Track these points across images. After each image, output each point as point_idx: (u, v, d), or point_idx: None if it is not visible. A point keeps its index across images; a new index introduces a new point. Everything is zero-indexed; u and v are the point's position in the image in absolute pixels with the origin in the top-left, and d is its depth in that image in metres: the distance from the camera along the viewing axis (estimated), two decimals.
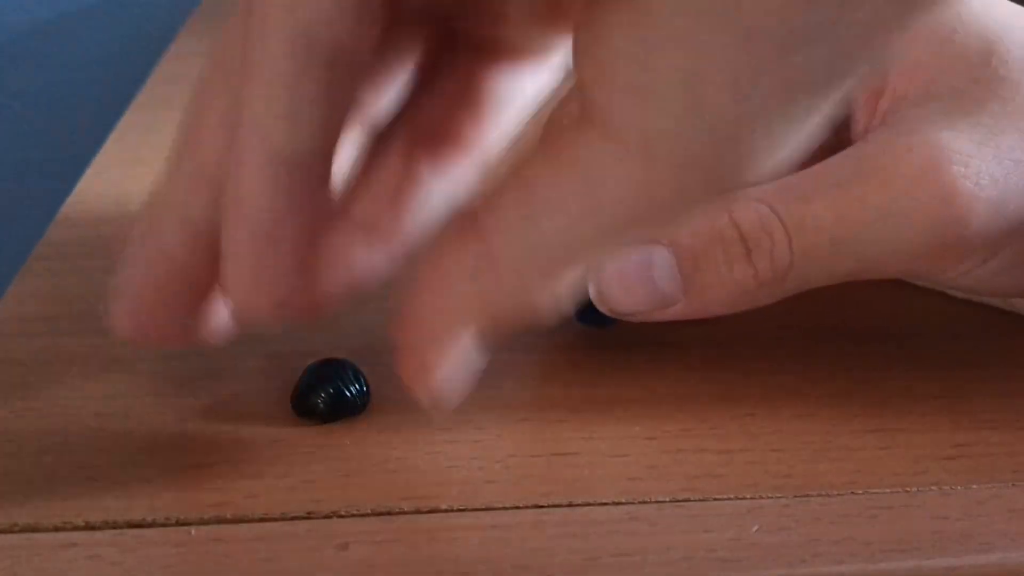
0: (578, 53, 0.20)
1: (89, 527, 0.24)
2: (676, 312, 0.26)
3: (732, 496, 0.25)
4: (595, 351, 0.30)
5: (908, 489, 0.25)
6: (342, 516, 0.24)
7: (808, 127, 0.19)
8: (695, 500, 0.25)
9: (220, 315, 0.25)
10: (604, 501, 0.25)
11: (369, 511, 0.24)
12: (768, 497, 0.25)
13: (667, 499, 0.25)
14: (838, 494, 0.25)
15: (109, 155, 0.44)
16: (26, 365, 0.30)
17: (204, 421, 0.27)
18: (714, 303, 0.26)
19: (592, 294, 0.26)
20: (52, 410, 0.28)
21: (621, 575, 0.23)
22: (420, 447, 0.26)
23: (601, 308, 0.27)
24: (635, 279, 0.26)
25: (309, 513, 0.24)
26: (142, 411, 0.28)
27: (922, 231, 0.26)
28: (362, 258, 0.24)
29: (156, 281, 0.23)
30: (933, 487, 0.25)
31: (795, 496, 0.25)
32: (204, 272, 0.23)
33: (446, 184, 0.25)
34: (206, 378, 0.29)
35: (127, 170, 0.42)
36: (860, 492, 0.25)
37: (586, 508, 0.25)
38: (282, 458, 0.26)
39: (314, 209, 0.22)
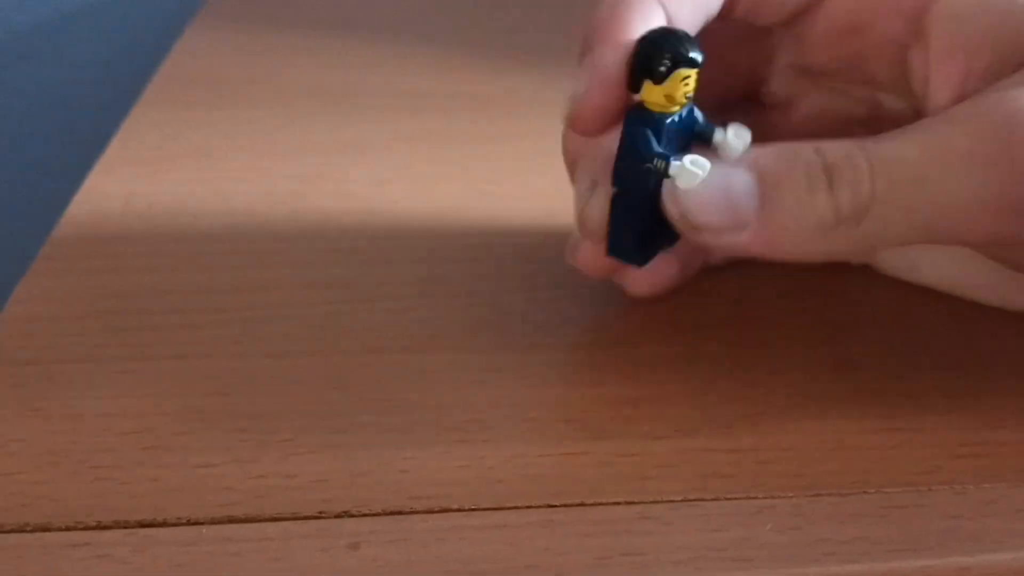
0: None
1: (99, 527, 0.24)
2: (748, 239, 0.26)
3: (743, 495, 0.25)
4: (604, 349, 0.30)
5: (919, 488, 0.25)
6: (353, 516, 0.24)
7: None
8: (706, 499, 0.25)
9: None
10: (614, 500, 0.25)
11: (380, 511, 0.24)
12: (779, 496, 0.25)
13: (678, 498, 0.25)
14: (849, 493, 0.25)
15: (115, 154, 0.44)
16: (34, 365, 0.29)
17: (213, 420, 0.27)
18: (788, 234, 0.26)
19: (666, 200, 0.26)
20: (60, 410, 0.28)
21: (632, 575, 0.23)
22: (430, 446, 0.26)
23: (673, 215, 0.26)
24: (713, 191, 0.26)
25: (320, 513, 0.24)
26: (150, 410, 0.28)
27: (1011, 182, 0.25)
28: None
29: None
30: (944, 486, 0.25)
31: (806, 495, 0.25)
32: None
33: None
34: (212, 378, 0.29)
35: (133, 169, 0.42)
36: (871, 491, 0.25)
37: (596, 507, 0.25)
38: (291, 457, 0.26)
39: None
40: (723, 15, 0.30)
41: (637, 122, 0.27)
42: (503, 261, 0.35)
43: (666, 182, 0.26)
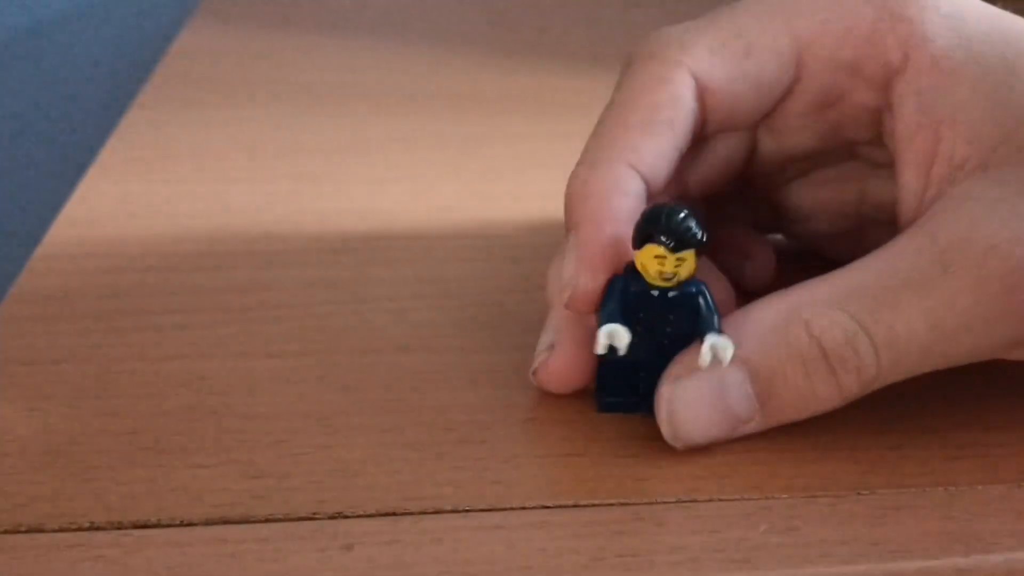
0: None
1: (93, 527, 0.24)
2: (749, 429, 0.26)
3: (739, 496, 0.25)
4: None
5: (914, 490, 0.25)
6: (347, 517, 0.24)
7: None
8: (702, 500, 0.25)
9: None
10: (610, 501, 0.25)
11: (374, 512, 0.24)
12: (775, 498, 0.25)
13: (674, 499, 0.25)
14: (845, 495, 0.25)
15: (112, 154, 0.44)
16: (29, 365, 0.29)
17: (208, 421, 0.27)
18: (792, 416, 0.26)
19: (662, 422, 0.26)
20: (56, 410, 0.28)
21: None
22: (425, 447, 0.26)
23: (670, 438, 0.26)
24: (707, 404, 0.25)
25: (314, 514, 0.24)
26: (145, 411, 0.28)
27: (1019, 329, 0.25)
28: None
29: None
30: (940, 488, 0.25)
31: (802, 496, 0.25)
32: None
33: None
34: (209, 379, 0.29)
35: (130, 169, 0.42)
36: (867, 493, 0.25)
37: (592, 508, 0.25)
38: (286, 458, 0.26)
39: None
40: (696, 140, 0.29)
41: (619, 276, 0.26)
42: (499, 261, 0.35)
43: (660, 393, 0.26)
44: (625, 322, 0.25)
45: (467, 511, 0.24)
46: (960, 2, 0.28)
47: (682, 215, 0.25)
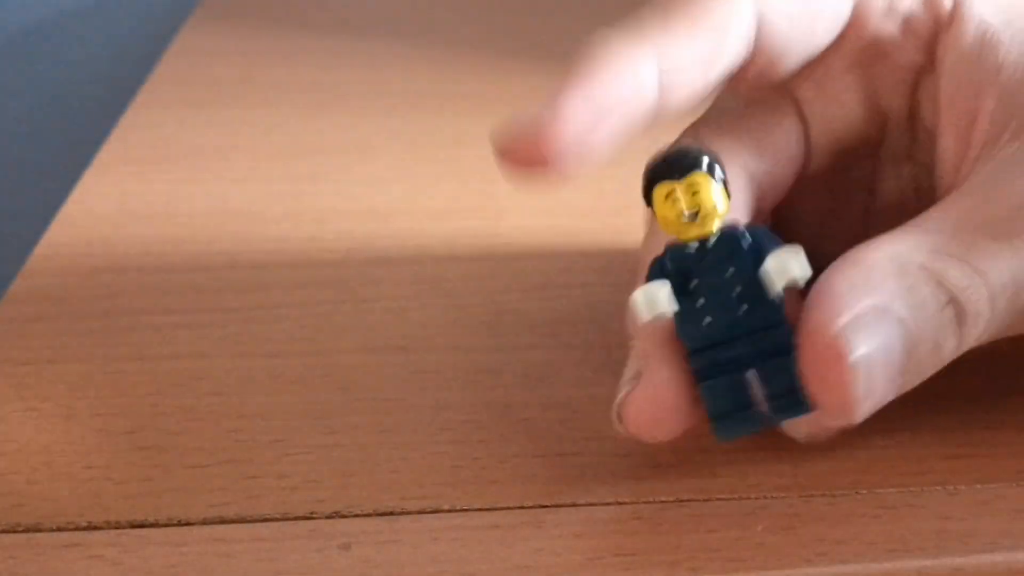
0: None
1: (90, 527, 0.24)
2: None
3: (737, 496, 0.25)
4: (598, 350, 0.30)
5: (912, 489, 0.25)
6: (344, 516, 0.24)
7: None
8: (700, 500, 0.25)
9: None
10: (608, 501, 0.25)
11: (371, 511, 0.24)
12: (772, 497, 0.25)
13: (671, 499, 0.25)
14: (842, 494, 0.25)
15: (110, 154, 0.44)
16: (27, 365, 0.29)
17: (207, 420, 0.27)
18: (913, 382, 0.23)
19: (856, 397, 0.22)
20: (54, 409, 0.28)
21: (625, 575, 0.23)
22: (423, 446, 0.26)
23: (856, 407, 0.22)
24: (886, 365, 0.22)
25: (311, 513, 0.24)
26: (142, 411, 0.28)
27: None
28: None
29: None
30: (938, 487, 0.25)
31: (799, 496, 0.25)
32: None
33: None
34: (206, 378, 0.29)
35: (128, 169, 0.42)
36: (864, 492, 0.25)
37: (589, 508, 0.25)
38: (284, 458, 0.26)
39: None
40: (738, 75, 0.26)
41: (656, 258, 0.23)
42: (498, 260, 0.35)
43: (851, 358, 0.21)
44: (680, 302, 0.22)
45: (465, 511, 0.24)
46: None
47: (678, 147, 0.23)
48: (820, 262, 0.28)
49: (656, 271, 0.23)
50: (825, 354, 0.21)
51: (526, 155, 0.22)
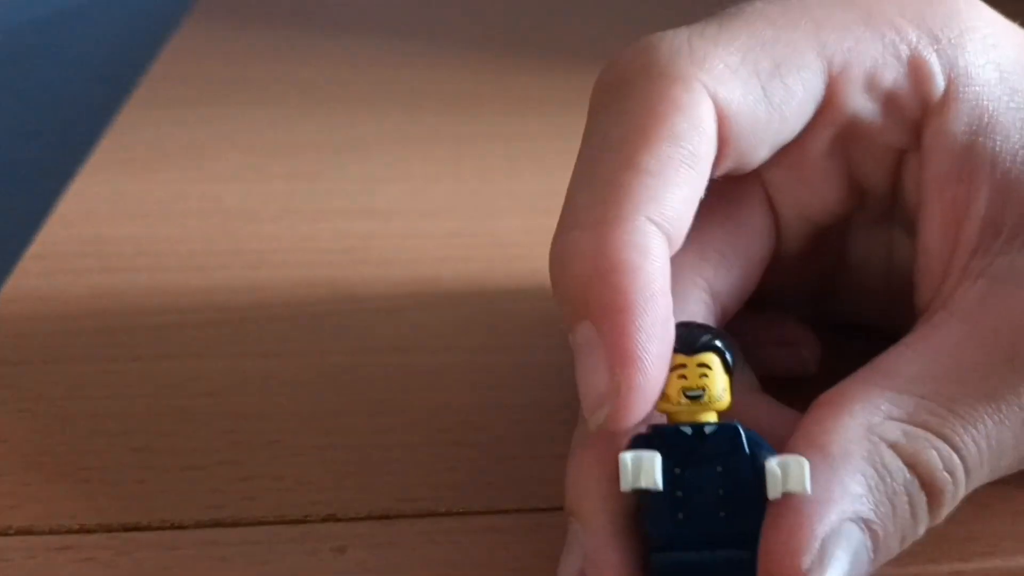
0: None
1: (84, 530, 0.24)
2: None
3: None
4: None
5: None
6: (339, 519, 0.24)
7: None
8: None
9: None
10: None
11: (366, 514, 0.24)
12: None
13: None
14: None
15: (105, 153, 0.43)
16: (20, 365, 0.29)
17: (201, 421, 0.27)
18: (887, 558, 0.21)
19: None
20: (47, 410, 0.27)
21: None
22: (418, 449, 0.26)
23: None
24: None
25: (305, 516, 0.24)
26: (136, 412, 0.27)
27: None
28: None
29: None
30: None
31: None
32: None
33: None
34: (201, 379, 0.29)
35: (123, 168, 0.42)
36: None
37: None
38: (278, 460, 0.26)
39: None
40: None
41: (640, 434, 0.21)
42: (495, 261, 0.35)
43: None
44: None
45: (461, 513, 0.24)
46: (996, 27, 0.25)
47: (696, 325, 0.21)
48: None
49: (641, 443, 0.20)
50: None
51: (628, 419, 0.20)
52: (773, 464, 0.19)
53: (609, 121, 0.22)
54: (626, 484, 0.19)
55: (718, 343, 0.20)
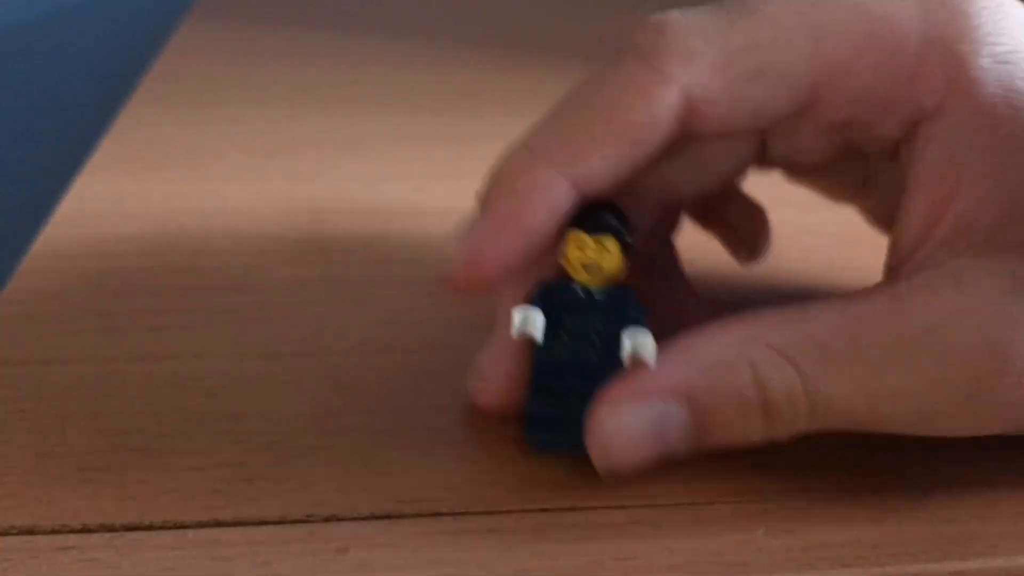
0: None
1: (86, 530, 0.24)
2: (675, 455, 0.24)
3: (737, 499, 0.25)
4: None
5: (914, 492, 0.25)
6: (341, 519, 0.24)
7: None
8: (700, 503, 0.25)
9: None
10: (607, 504, 0.25)
11: (368, 514, 0.24)
12: (773, 500, 0.25)
13: (671, 503, 0.25)
14: (844, 497, 0.25)
15: (105, 153, 0.43)
16: (22, 365, 0.29)
17: (203, 422, 0.27)
18: (718, 447, 0.25)
19: (593, 445, 0.24)
20: (48, 411, 0.27)
21: None
22: (420, 450, 0.26)
23: (598, 463, 0.24)
24: (643, 433, 0.24)
25: (308, 516, 0.24)
26: (138, 412, 0.27)
27: (962, 418, 0.24)
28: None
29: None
30: (941, 490, 0.25)
31: (801, 499, 0.25)
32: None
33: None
34: (203, 379, 0.29)
35: (124, 168, 0.42)
36: (866, 495, 0.25)
37: (589, 512, 0.24)
38: (280, 460, 0.26)
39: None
40: (680, 139, 0.26)
41: (545, 279, 0.26)
42: None
43: (595, 415, 0.24)
44: (548, 323, 0.25)
45: (463, 514, 0.24)
46: (1018, 43, 0.25)
47: (603, 206, 0.25)
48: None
49: (541, 293, 0.25)
50: (595, 413, 0.24)
51: (465, 287, 0.25)
52: (625, 336, 0.24)
53: (593, 82, 0.26)
54: (515, 332, 0.25)
55: (619, 229, 0.25)
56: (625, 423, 0.24)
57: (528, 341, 0.26)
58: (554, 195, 0.25)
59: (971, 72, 0.24)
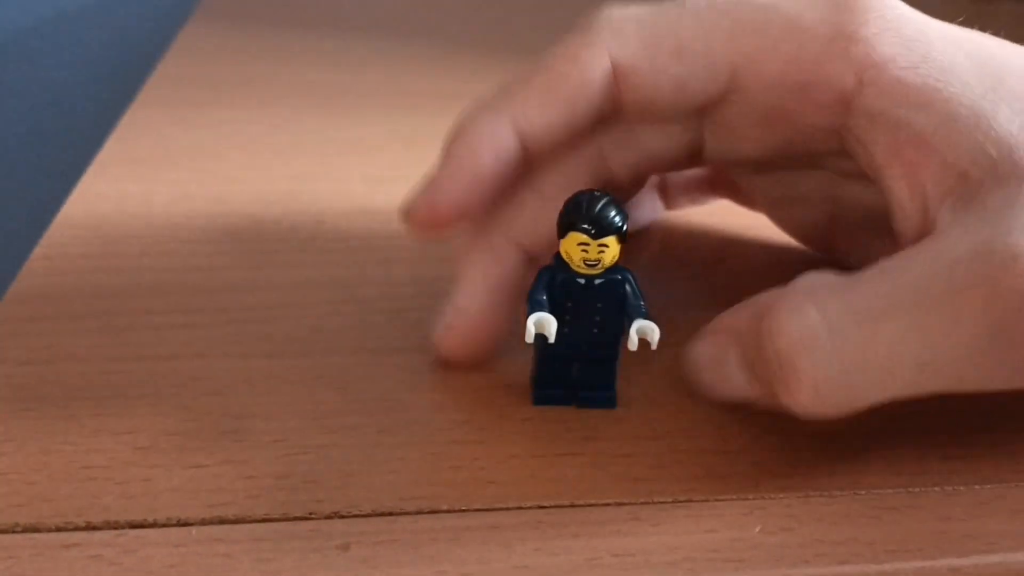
0: None
1: (90, 527, 0.24)
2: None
3: (735, 496, 0.25)
4: None
5: (911, 489, 0.25)
6: (343, 516, 0.24)
7: None
8: (698, 500, 0.25)
9: None
10: (606, 501, 0.25)
11: (370, 511, 0.24)
12: (771, 497, 0.25)
13: (669, 499, 0.25)
14: (841, 494, 0.25)
15: (110, 154, 0.44)
16: (27, 365, 0.29)
17: (206, 420, 0.27)
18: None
19: (684, 369, 0.28)
20: (53, 410, 0.28)
21: None
22: (422, 447, 0.26)
23: (689, 381, 0.28)
24: (705, 369, 0.27)
25: (310, 513, 0.24)
26: (142, 410, 0.28)
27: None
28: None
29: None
30: (936, 487, 0.25)
31: (798, 496, 0.25)
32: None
33: None
34: (205, 379, 0.29)
35: (128, 169, 0.42)
36: (863, 492, 0.25)
37: (588, 508, 0.25)
38: (282, 458, 0.26)
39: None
40: (617, 123, 0.30)
41: (546, 267, 0.27)
42: None
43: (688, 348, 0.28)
44: (553, 311, 0.26)
45: (463, 511, 0.24)
46: (925, 26, 0.27)
47: (603, 203, 0.26)
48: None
49: (543, 282, 0.27)
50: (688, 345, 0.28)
51: (424, 226, 0.29)
52: (634, 328, 0.26)
53: (547, 53, 0.29)
54: (529, 337, 0.26)
55: (619, 223, 0.26)
56: (696, 353, 0.28)
57: (501, 283, 0.29)
58: (499, 139, 0.28)
59: (880, 49, 0.26)
